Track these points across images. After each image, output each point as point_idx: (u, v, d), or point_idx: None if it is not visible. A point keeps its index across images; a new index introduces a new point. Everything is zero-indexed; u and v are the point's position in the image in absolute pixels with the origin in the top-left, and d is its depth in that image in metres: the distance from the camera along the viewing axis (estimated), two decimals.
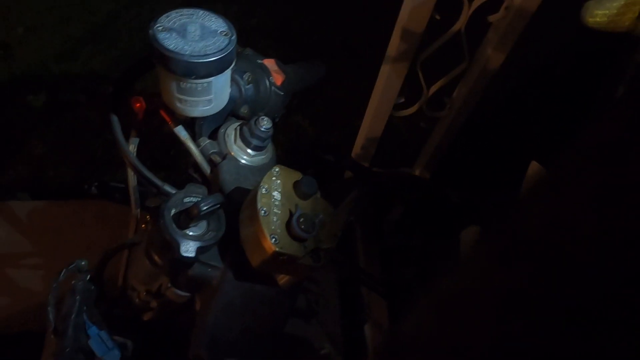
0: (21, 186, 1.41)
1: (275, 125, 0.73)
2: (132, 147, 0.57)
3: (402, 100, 1.12)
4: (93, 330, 0.55)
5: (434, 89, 1.13)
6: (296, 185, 0.48)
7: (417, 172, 1.38)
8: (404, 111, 1.16)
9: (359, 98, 1.19)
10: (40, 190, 1.41)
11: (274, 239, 0.43)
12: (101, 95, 1.54)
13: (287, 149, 1.66)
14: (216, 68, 0.45)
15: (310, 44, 1.91)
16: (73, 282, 0.55)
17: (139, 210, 0.63)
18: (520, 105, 1.22)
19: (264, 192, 0.46)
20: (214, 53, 0.44)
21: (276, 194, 0.47)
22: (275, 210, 0.45)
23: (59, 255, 0.63)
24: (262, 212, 0.44)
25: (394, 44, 0.99)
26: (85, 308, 0.57)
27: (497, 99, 1.21)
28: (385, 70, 1.05)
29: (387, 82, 1.06)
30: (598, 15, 0.62)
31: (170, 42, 0.44)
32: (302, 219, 0.44)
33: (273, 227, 0.44)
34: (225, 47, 0.45)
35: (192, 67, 0.44)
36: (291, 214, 0.45)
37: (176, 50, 0.43)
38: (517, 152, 1.09)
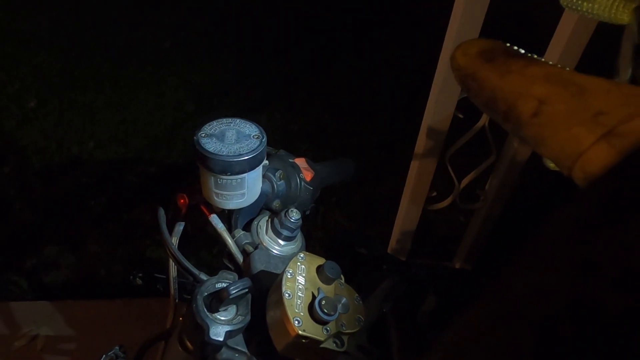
0: (75, 284, 1.50)
1: (305, 217, 0.77)
2: (174, 239, 0.63)
3: (434, 194, 1.15)
4: None
5: (465, 182, 1.16)
6: (319, 269, 0.50)
7: (457, 265, 1.35)
8: (437, 205, 1.18)
9: (396, 194, 1.24)
10: (92, 289, 1.49)
11: (297, 322, 0.45)
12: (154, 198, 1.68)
13: (325, 246, 1.69)
14: (248, 165, 0.52)
15: (346, 144, 2.03)
16: None
17: (177, 301, 0.67)
18: (554, 194, 1.22)
19: (289, 276, 0.49)
20: (247, 153, 0.51)
21: (300, 279, 0.49)
22: (299, 293, 0.48)
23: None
24: (287, 295, 0.47)
25: (421, 142, 1.05)
26: None
27: (531, 189, 1.22)
28: (414, 166, 1.10)
29: (417, 177, 1.11)
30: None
31: (210, 145, 0.51)
32: (324, 302, 0.46)
33: (297, 310, 0.46)
34: (256, 148, 0.52)
35: (228, 165, 0.50)
36: (314, 297, 0.47)
37: (215, 152, 0.50)
38: None
